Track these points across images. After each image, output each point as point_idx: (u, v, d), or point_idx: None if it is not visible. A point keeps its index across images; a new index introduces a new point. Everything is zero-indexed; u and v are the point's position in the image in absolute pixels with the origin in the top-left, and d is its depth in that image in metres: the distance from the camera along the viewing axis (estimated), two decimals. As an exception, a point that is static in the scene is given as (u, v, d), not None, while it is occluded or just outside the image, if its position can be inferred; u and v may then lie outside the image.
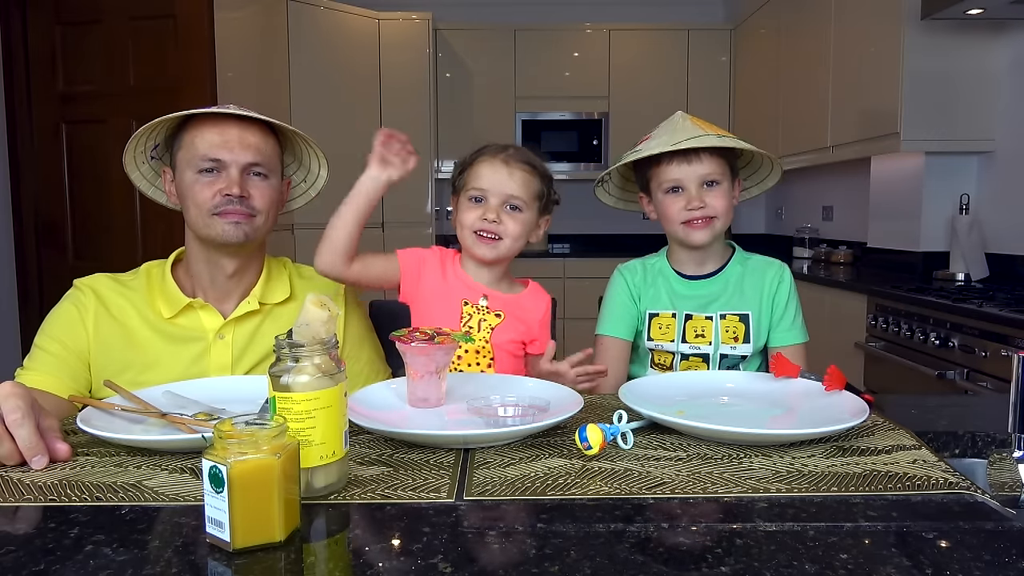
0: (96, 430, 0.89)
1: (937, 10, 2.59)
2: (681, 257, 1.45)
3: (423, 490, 0.78)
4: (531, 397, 1.01)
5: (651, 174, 1.40)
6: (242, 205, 1.24)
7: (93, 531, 0.68)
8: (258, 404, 0.95)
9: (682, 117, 1.41)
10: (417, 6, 4.57)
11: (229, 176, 1.23)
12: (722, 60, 4.84)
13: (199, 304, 1.29)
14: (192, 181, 1.24)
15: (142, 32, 3.33)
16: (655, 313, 1.43)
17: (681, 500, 0.75)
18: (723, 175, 1.37)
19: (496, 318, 1.34)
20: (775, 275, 1.43)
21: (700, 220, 1.36)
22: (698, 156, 1.35)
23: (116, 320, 1.27)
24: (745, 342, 1.40)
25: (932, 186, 3.03)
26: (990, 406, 1.29)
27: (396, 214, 4.48)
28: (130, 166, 1.33)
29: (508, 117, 4.85)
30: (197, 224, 1.25)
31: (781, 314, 1.42)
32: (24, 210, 3.50)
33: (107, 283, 1.30)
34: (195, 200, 1.24)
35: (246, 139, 1.25)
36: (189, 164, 1.24)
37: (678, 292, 1.44)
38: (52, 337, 1.26)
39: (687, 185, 1.36)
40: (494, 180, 1.31)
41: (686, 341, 1.40)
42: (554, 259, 4.65)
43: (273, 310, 1.34)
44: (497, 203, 1.32)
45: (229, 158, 1.23)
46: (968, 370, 2.15)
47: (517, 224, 1.32)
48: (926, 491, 0.77)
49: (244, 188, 1.24)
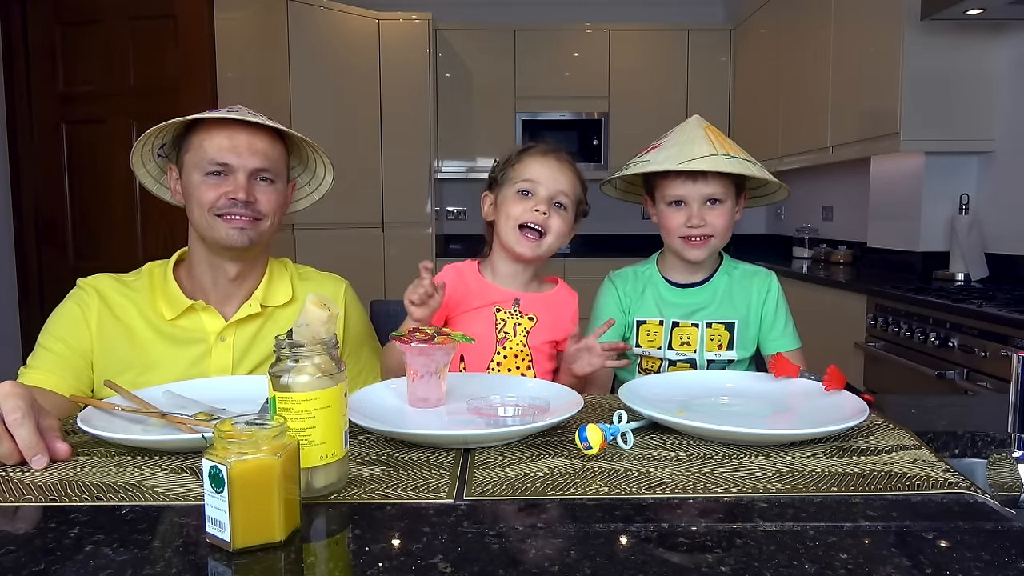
0: (96, 430, 0.89)
1: (937, 10, 2.59)
2: (673, 264, 1.46)
3: (423, 490, 0.78)
4: (531, 397, 1.01)
5: (656, 183, 1.41)
6: (248, 209, 1.24)
7: (93, 531, 0.68)
8: (258, 404, 0.95)
9: (696, 126, 1.39)
10: (417, 6, 4.57)
11: (236, 180, 1.23)
12: (722, 60, 4.85)
13: (200, 306, 1.28)
14: (198, 183, 1.24)
15: (142, 32, 3.33)
16: (643, 320, 1.44)
17: (681, 500, 0.75)
18: (727, 194, 1.37)
19: (530, 321, 1.35)
20: (762, 285, 1.44)
21: (699, 238, 1.37)
22: (704, 175, 1.34)
23: (119, 320, 1.27)
24: (729, 349, 1.41)
25: (932, 186, 3.03)
26: (990, 406, 1.29)
27: (396, 214, 4.47)
28: (136, 164, 1.32)
29: (508, 117, 4.85)
30: (200, 224, 1.25)
31: (771, 323, 1.43)
32: (24, 208, 3.50)
33: (110, 283, 1.30)
34: (199, 200, 1.24)
35: (254, 144, 1.24)
36: (196, 166, 1.24)
37: (666, 300, 1.45)
38: (56, 336, 1.26)
39: (689, 202, 1.36)
40: (546, 174, 1.32)
41: (672, 348, 1.41)
42: (554, 259, 4.61)
43: (275, 312, 1.34)
44: (546, 196, 1.32)
45: (237, 163, 1.23)
46: (968, 370, 2.15)
47: (562, 222, 1.34)
48: (926, 491, 0.77)
49: (250, 192, 1.24)
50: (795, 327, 1.46)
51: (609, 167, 4.84)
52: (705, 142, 1.34)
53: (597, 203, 1.62)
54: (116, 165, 3.41)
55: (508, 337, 1.34)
